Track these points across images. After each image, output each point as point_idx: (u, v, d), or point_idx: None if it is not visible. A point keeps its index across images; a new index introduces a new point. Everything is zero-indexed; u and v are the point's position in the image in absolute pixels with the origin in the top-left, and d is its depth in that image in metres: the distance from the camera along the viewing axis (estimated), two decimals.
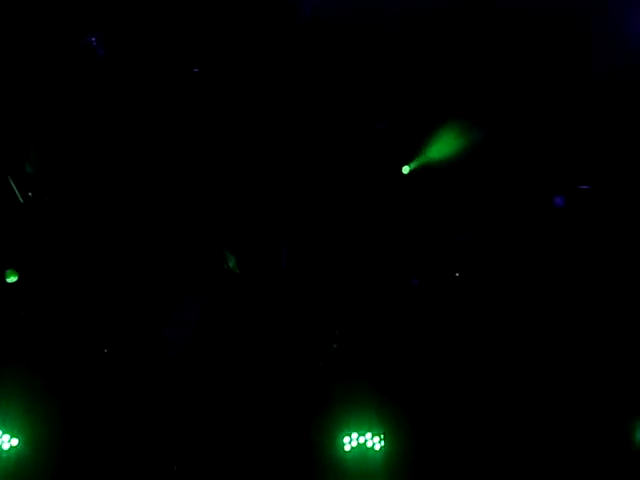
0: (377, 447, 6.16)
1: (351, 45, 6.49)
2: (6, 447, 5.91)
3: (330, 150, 6.47)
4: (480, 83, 6.74)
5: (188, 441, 6.04)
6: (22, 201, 5.96)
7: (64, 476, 6.00)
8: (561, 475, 6.25)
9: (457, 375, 6.42)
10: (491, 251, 6.70)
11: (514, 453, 6.28)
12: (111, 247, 6.17)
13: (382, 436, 6.16)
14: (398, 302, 6.48)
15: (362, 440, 6.14)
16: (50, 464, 5.98)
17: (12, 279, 5.97)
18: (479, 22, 6.37)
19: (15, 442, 5.90)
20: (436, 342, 6.50)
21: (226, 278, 6.19)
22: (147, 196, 6.22)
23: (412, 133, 6.66)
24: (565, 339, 6.46)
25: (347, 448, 6.14)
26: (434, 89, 6.70)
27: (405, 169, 6.68)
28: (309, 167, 6.46)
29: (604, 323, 6.49)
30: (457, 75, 6.68)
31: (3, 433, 5.91)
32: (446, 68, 6.70)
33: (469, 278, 6.64)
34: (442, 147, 6.72)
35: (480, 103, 6.77)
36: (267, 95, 6.31)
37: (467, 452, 6.30)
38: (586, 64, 6.62)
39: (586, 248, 6.64)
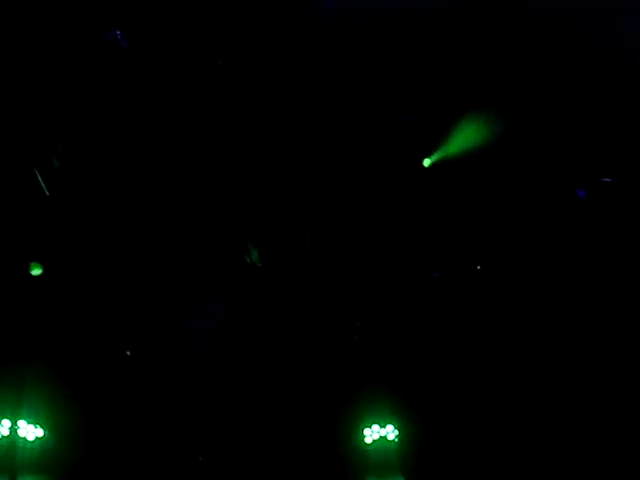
0: (396, 439, 6.20)
1: (374, 38, 6.50)
2: (31, 438, 5.99)
3: (353, 142, 6.48)
4: (501, 76, 6.76)
5: (213, 431, 6.08)
6: (48, 194, 5.98)
7: (88, 466, 6.05)
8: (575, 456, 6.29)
9: (475, 368, 6.44)
10: (512, 243, 6.71)
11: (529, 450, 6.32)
12: (136, 241, 6.19)
13: (399, 428, 6.20)
14: (419, 295, 6.50)
15: (383, 432, 6.18)
16: (74, 454, 6.03)
17: (37, 272, 6.00)
18: (504, 19, 6.38)
19: (40, 433, 5.99)
20: (455, 335, 6.52)
21: (249, 272, 6.22)
22: (171, 190, 6.24)
23: (433, 126, 6.68)
24: (584, 333, 6.47)
25: (368, 440, 6.18)
26: (455, 82, 6.72)
27: (426, 162, 6.70)
28: (332, 159, 6.48)
29: (625, 318, 6.50)
30: (478, 68, 6.70)
31: (28, 424, 5.97)
32: (466, 61, 6.72)
33: (490, 271, 6.65)
34: (463, 140, 6.73)
35: (501, 95, 6.79)
36: (292, 87, 6.32)
37: (484, 444, 6.33)
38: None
39: (608, 241, 6.66)
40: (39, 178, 5.91)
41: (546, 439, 6.30)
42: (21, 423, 5.92)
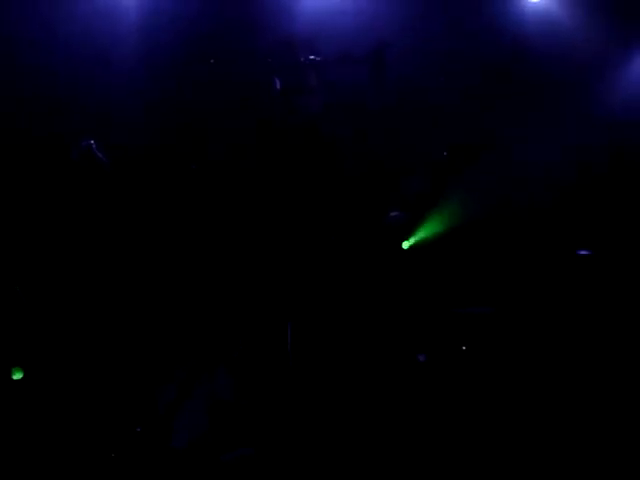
0: None
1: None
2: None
3: (330, 228, 6.54)
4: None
5: None
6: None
7: None
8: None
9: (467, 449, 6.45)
10: (495, 322, 6.76)
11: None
12: None
13: None
14: (406, 380, 6.54)
15: None
16: None
17: (18, 376, 6.03)
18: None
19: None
20: (445, 415, 6.54)
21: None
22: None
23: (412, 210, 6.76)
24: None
25: None
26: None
27: (405, 244, 6.77)
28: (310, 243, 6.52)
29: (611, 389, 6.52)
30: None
31: None
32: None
33: (476, 351, 6.69)
34: (438, 222, 6.81)
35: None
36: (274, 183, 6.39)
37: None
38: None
39: (590, 315, 6.70)
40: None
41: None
42: None
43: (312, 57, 6.09)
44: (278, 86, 6.01)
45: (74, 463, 5.98)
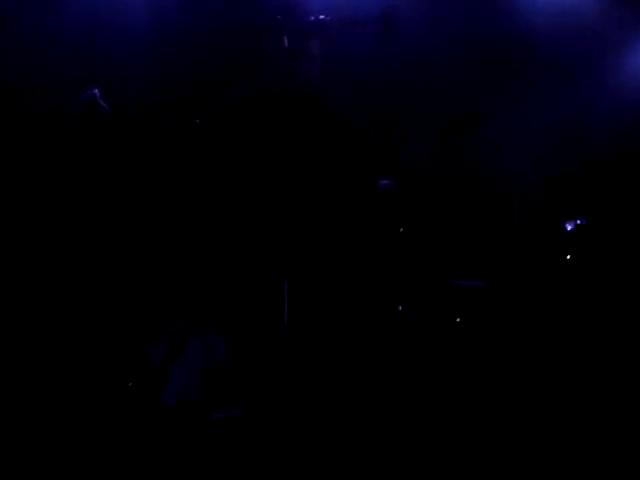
0: None
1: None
2: None
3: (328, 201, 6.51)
4: None
5: None
6: None
7: None
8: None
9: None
10: (488, 296, 6.75)
11: None
12: None
13: None
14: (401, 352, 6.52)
15: None
16: None
17: None
18: None
19: None
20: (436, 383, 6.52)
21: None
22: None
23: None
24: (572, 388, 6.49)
25: None
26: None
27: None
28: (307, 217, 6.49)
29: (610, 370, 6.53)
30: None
31: None
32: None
33: (470, 323, 6.68)
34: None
35: None
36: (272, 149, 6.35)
37: None
38: None
39: (585, 292, 6.71)
40: None
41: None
42: None
43: (321, 17, 6.02)
44: (286, 44, 5.95)
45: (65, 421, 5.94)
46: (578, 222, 6.84)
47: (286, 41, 6.11)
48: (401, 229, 6.51)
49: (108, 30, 6.88)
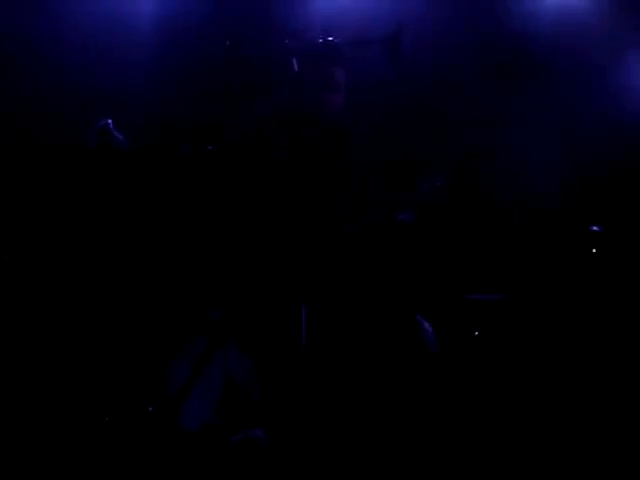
0: None
1: None
2: None
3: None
4: None
5: None
6: None
7: None
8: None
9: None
10: (507, 309, 6.75)
11: None
12: None
13: None
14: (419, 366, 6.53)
15: None
16: None
17: None
18: None
19: None
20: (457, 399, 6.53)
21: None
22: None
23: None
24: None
25: None
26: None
27: None
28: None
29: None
30: None
31: None
32: None
33: (488, 337, 6.69)
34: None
35: None
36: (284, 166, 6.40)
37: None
38: None
39: (605, 300, 6.68)
40: None
41: None
42: None
43: (330, 39, 6.07)
44: (296, 68, 6.00)
45: (82, 441, 5.99)
46: (595, 229, 6.84)
47: (295, 64, 6.17)
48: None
49: (114, 49, 6.97)
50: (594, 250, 6.75)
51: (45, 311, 6.11)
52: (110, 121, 6.22)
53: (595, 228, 6.80)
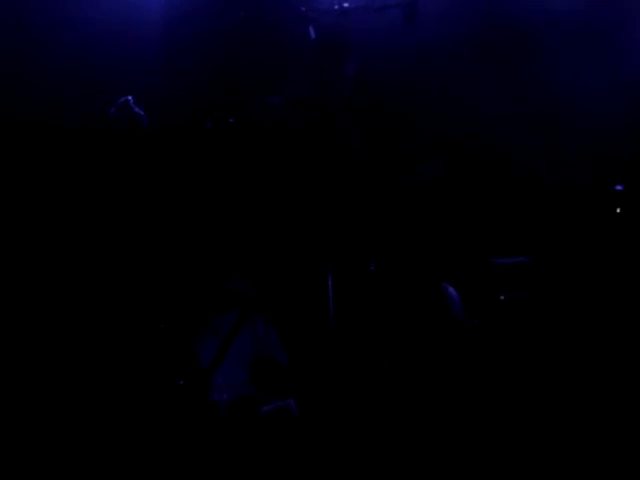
0: None
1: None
2: None
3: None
4: None
5: None
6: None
7: None
8: None
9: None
10: (532, 272, 6.75)
11: None
12: None
13: None
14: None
15: None
16: None
17: None
18: None
19: None
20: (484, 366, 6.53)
21: None
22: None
23: None
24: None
25: None
26: None
27: None
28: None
29: None
30: None
31: None
32: None
33: (513, 301, 6.69)
34: None
35: None
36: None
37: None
38: None
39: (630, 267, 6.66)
40: None
41: None
42: None
43: (345, 4, 6.04)
44: (313, 35, 5.98)
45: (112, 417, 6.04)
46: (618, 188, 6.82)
47: (312, 32, 6.15)
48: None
49: (126, 32, 6.98)
50: (618, 210, 6.72)
51: (74, 290, 6.16)
52: (130, 97, 6.25)
53: (618, 187, 6.77)
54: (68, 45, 6.97)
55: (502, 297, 6.69)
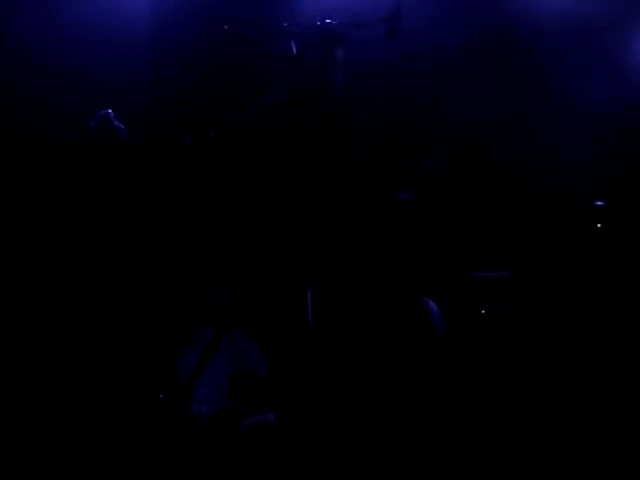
0: None
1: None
2: None
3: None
4: None
5: None
6: None
7: None
8: None
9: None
10: (513, 286, 6.75)
11: None
12: None
13: None
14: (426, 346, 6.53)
15: None
16: None
17: None
18: None
19: None
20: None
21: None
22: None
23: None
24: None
25: None
26: None
27: None
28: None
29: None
30: None
31: None
32: None
33: (495, 315, 6.68)
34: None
35: None
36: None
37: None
38: None
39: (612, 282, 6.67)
40: None
41: None
42: None
43: (327, 21, 6.07)
44: (295, 51, 6.01)
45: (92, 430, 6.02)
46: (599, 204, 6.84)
47: (294, 47, 6.17)
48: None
49: (112, 42, 7.00)
50: (599, 225, 6.74)
51: (55, 300, 6.15)
52: (110, 111, 6.26)
53: (599, 203, 6.79)
54: (54, 52, 6.98)
55: (483, 311, 6.68)
